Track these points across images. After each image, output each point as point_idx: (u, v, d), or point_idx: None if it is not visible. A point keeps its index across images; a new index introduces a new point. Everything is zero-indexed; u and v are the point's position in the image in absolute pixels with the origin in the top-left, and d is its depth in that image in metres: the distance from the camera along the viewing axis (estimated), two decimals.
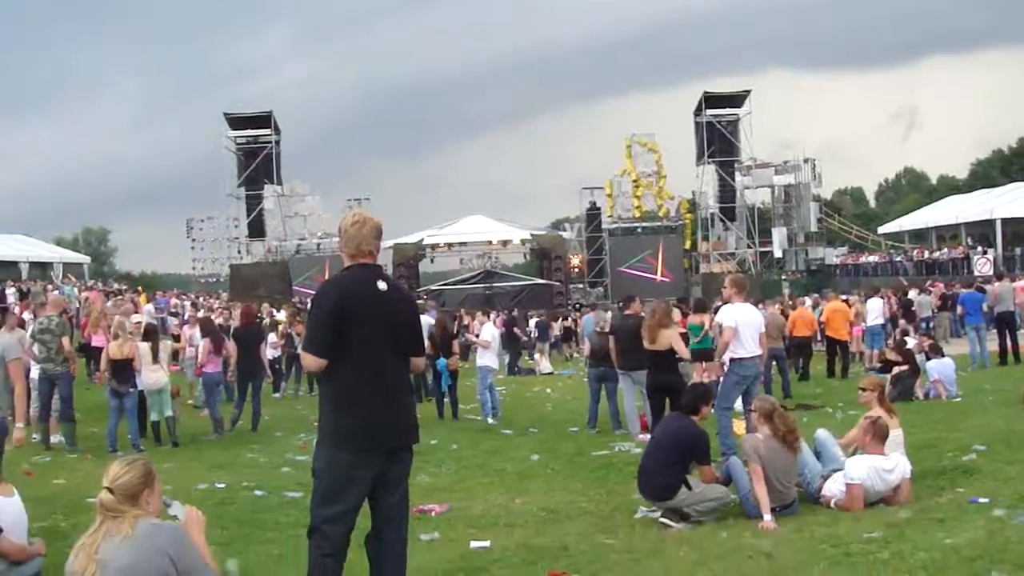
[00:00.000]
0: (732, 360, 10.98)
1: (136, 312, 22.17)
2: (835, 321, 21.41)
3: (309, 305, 7.44)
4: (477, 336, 19.36)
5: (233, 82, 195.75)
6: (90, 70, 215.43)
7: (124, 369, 13.28)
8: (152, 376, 13.66)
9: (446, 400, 16.91)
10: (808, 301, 25.71)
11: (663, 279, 53.99)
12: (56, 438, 13.43)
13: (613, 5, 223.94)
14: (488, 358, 17.08)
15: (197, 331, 17.50)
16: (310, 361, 5.10)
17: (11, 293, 32.25)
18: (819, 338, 22.67)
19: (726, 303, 11.50)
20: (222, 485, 10.29)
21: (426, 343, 18.20)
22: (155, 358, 13.76)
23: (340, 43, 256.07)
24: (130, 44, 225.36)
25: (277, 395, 20.64)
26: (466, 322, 30.49)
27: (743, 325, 10.87)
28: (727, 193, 57.82)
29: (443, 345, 16.88)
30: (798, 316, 21.17)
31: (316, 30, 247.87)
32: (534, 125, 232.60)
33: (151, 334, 14.24)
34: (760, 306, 17.35)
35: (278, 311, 28.30)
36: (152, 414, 13.82)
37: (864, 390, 9.57)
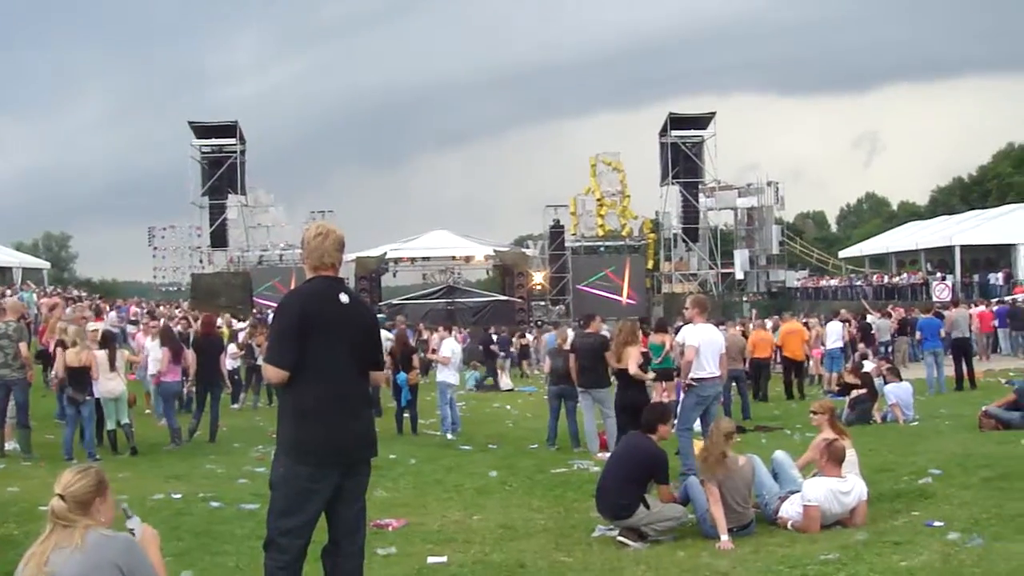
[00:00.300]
0: (693, 380, 11.00)
1: (96, 320, 21.91)
2: (791, 342, 21.87)
3: (270, 316, 7.41)
4: (435, 351, 19.31)
5: (201, 90, 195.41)
6: (57, 74, 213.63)
7: (81, 377, 13.16)
8: (108, 384, 13.54)
9: (405, 415, 16.83)
10: (769, 323, 25.92)
11: (629, 301, 54.32)
12: (11, 445, 13.29)
13: (585, 26, 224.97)
14: (447, 374, 17.04)
15: (148, 339, 17.38)
16: (272, 373, 5.06)
17: None
18: (777, 359, 22.94)
19: (688, 323, 11.56)
20: (178, 495, 10.19)
21: (386, 358, 18.19)
22: (112, 366, 13.64)
23: (309, 54, 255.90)
24: (98, 49, 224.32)
25: (236, 406, 20.47)
26: (424, 336, 30.47)
27: (705, 345, 10.93)
28: (690, 214, 58.25)
29: (403, 360, 16.82)
30: (758, 338, 21.31)
31: (287, 40, 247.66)
32: (501, 141, 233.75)
33: (108, 341, 14.10)
34: (721, 327, 17.43)
35: (241, 321, 28.13)
36: (108, 423, 13.71)
37: (815, 413, 9.64)
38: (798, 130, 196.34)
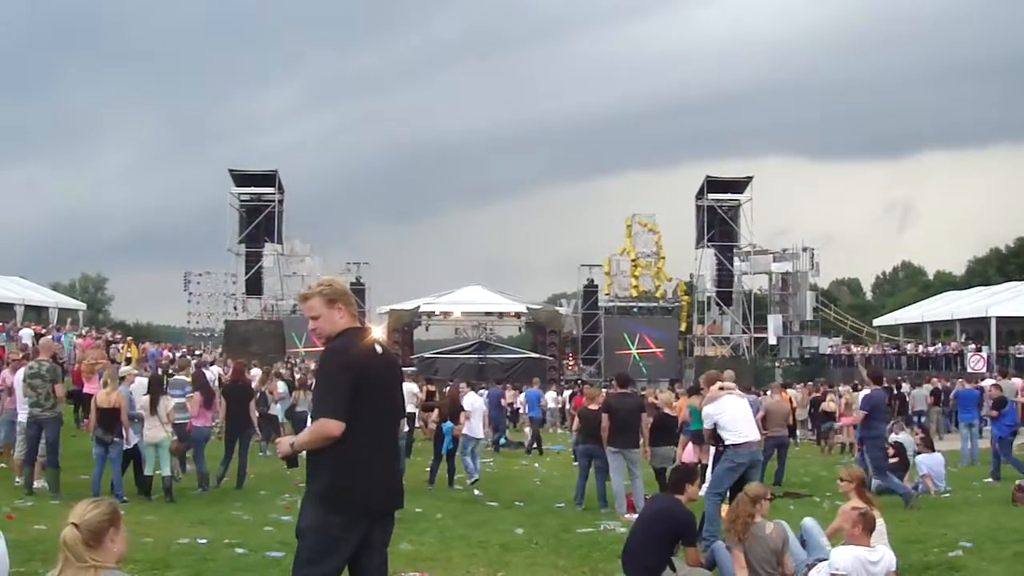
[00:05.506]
0: (727, 446, 10.90)
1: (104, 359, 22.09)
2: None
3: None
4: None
5: (240, 138, 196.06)
6: (95, 119, 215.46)
7: (111, 418, 13.22)
8: (150, 431, 13.52)
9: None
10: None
11: (657, 359, 54.21)
12: (40, 483, 13.35)
13: (623, 84, 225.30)
14: (471, 427, 17.22)
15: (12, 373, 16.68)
16: (332, 426, 4.88)
17: (27, 334, 32.03)
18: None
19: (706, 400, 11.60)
20: (203, 541, 10.18)
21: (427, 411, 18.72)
22: (153, 411, 13.62)
23: (348, 106, 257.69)
24: (139, 93, 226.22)
25: (264, 453, 20.49)
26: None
27: (723, 414, 10.85)
28: (725, 277, 57.89)
29: (452, 416, 17.21)
30: None
31: (325, 91, 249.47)
32: (537, 198, 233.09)
33: (153, 388, 14.10)
34: (760, 392, 17.41)
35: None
36: (146, 468, 13.67)
37: (843, 480, 9.59)
38: (830, 195, 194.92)
